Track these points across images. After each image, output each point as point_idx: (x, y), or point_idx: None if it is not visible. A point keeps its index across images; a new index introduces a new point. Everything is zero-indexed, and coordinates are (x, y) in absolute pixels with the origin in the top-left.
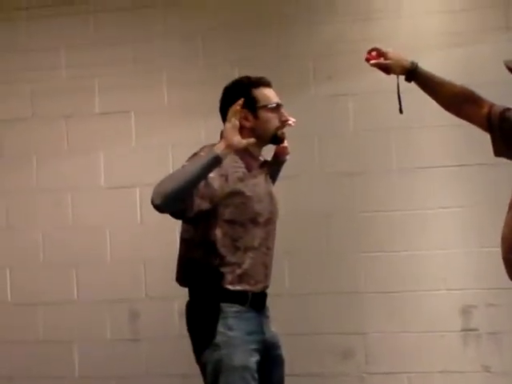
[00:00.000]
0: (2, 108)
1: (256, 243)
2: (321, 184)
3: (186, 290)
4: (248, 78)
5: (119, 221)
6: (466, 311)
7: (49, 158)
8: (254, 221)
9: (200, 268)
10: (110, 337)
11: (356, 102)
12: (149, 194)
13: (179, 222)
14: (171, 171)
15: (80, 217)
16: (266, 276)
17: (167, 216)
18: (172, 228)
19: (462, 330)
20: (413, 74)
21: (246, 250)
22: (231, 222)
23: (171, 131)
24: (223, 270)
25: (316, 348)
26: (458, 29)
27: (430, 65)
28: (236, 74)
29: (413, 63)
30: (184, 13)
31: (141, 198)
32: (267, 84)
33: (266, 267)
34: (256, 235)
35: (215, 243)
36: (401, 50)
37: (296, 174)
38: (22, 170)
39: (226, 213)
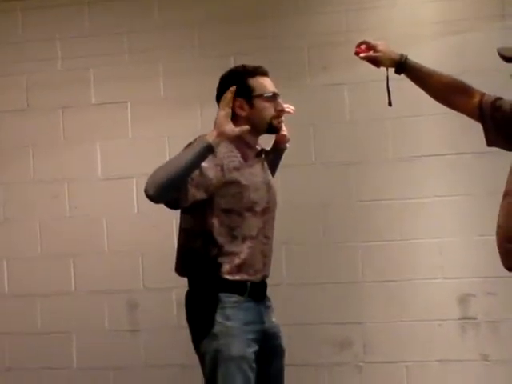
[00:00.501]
0: None
1: (254, 232)
2: (317, 174)
3: (184, 281)
4: (244, 67)
5: (116, 211)
6: (464, 300)
7: (45, 149)
8: (251, 210)
9: (199, 258)
10: (108, 327)
11: (351, 91)
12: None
13: (177, 213)
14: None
15: (77, 208)
16: (265, 265)
17: (164, 206)
18: (169, 218)
19: (460, 319)
20: (402, 66)
21: (244, 239)
22: (227, 212)
23: (168, 122)
24: (221, 259)
25: (314, 338)
26: (452, 17)
27: (425, 53)
28: (232, 65)
29: (402, 55)
30: (180, 3)
31: (138, 189)
32: (264, 73)
33: (265, 256)
34: (253, 224)
35: (212, 233)
36: (396, 39)
37: (292, 163)
38: (19, 161)
39: (222, 202)
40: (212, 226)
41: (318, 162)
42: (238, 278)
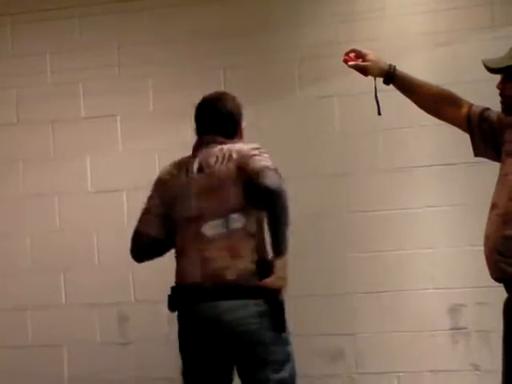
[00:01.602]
0: None
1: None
2: (309, 185)
3: None
4: None
5: (107, 225)
6: (454, 310)
7: (35, 162)
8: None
9: None
10: (99, 340)
11: (342, 103)
12: (135, 197)
13: None
14: (157, 175)
15: (67, 221)
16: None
17: None
18: None
19: (451, 329)
20: (391, 76)
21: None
22: None
23: (157, 136)
24: None
25: (306, 349)
26: (442, 28)
27: (415, 64)
28: (222, 79)
29: (391, 65)
30: (169, 17)
31: (128, 202)
32: None
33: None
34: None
35: None
36: (386, 51)
37: (284, 175)
38: (9, 175)
39: None
40: None
41: (310, 173)
42: None
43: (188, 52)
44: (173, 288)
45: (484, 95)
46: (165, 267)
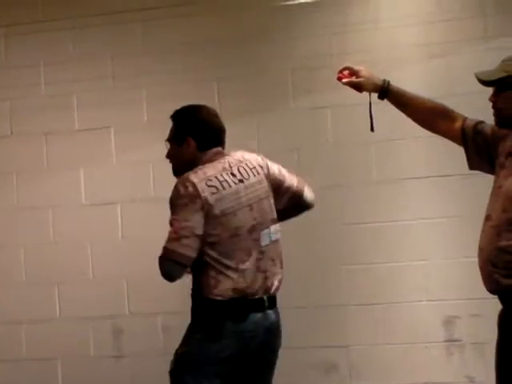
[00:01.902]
0: None
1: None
2: None
3: (169, 306)
4: None
5: (101, 237)
6: (449, 322)
7: (29, 175)
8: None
9: None
10: (93, 353)
11: (335, 114)
12: (130, 209)
13: (162, 238)
14: (152, 187)
15: (62, 234)
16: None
17: (149, 231)
18: (154, 243)
19: (446, 341)
20: (385, 91)
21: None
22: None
23: (151, 147)
24: None
25: (299, 362)
26: (435, 40)
27: (409, 76)
28: (215, 90)
29: (384, 81)
30: (163, 29)
31: (122, 214)
32: None
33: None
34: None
35: None
36: (379, 63)
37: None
38: (2, 187)
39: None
40: None
41: None
42: None
43: (182, 63)
44: (236, 299)
45: (478, 107)
46: (159, 280)
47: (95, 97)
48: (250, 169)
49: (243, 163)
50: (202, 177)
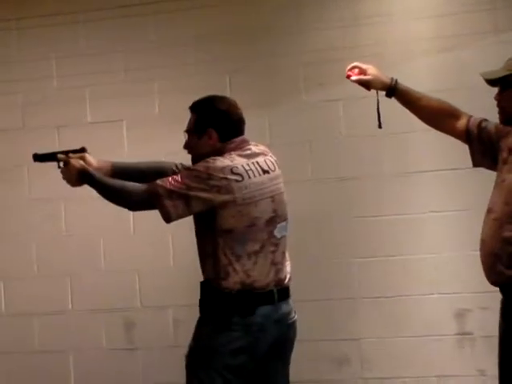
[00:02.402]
0: None
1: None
2: (313, 190)
3: (180, 299)
4: None
5: (113, 230)
6: (460, 315)
7: (41, 168)
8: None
9: None
10: (105, 346)
11: (347, 107)
12: None
13: (171, 231)
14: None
15: (74, 227)
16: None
17: (161, 225)
18: (166, 237)
19: (457, 334)
20: (393, 89)
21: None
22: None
23: (163, 140)
24: None
25: (311, 355)
26: (447, 33)
27: (420, 69)
28: (227, 83)
29: (392, 79)
30: (175, 21)
31: None
32: None
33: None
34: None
35: None
36: (391, 56)
37: (288, 179)
38: (15, 180)
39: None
40: None
41: (314, 177)
42: None
43: (194, 56)
44: (244, 292)
45: (488, 101)
46: (170, 273)
47: (107, 90)
48: (275, 161)
49: (269, 155)
50: (229, 163)
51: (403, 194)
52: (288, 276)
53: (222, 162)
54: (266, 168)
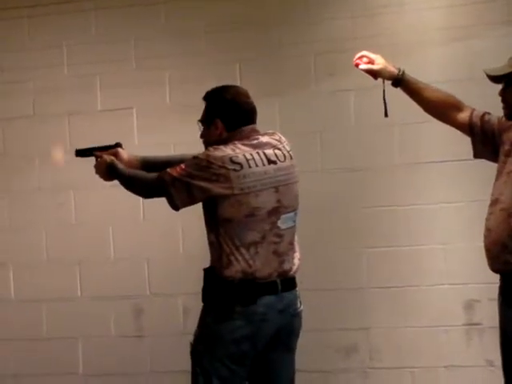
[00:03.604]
0: (3, 106)
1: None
2: (323, 180)
3: (189, 287)
4: None
5: (122, 218)
6: (469, 306)
7: (51, 156)
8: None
9: None
10: (114, 333)
11: (358, 97)
12: None
13: (181, 219)
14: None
15: (83, 214)
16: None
17: (170, 213)
18: (175, 225)
19: (466, 325)
20: (399, 79)
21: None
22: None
23: (173, 129)
24: None
25: (319, 344)
26: (459, 23)
27: (431, 60)
28: (237, 72)
29: (399, 69)
30: (186, 10)
31: None
32: None
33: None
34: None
35: None
36: (402, 46)
37: (299, 169)
38: (25, 168)
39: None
40: None
41: (324, 167)
42: None
43: (204, 45)
44: (246, 281)
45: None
46: (180, 261)
47: (118, 78)
48: (288, 151)
49: (281, 145)
50: (230, 152)
51: (414, 185)
52: (295, 267)
53: (223, 151)
54: (273, 158)
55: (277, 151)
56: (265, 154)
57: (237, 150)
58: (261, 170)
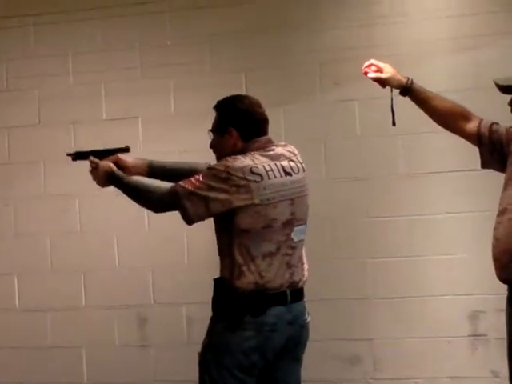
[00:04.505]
0: (9, 114)
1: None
2: (328, 189)
3: (194, 296)
4: None
5: (127, 227)
6: (474, 316)
7: (56, 164)
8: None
9: None
10: (118, 343)
11: (362, 107)
12: None
13: (186, 228)
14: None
15: (88, 223)
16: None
17: (175, 222)
18: (180, 234)
19: (470, 336)
20: (408, 88)
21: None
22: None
23: (178, 137)
24: None
25: (323, 354)
26: (464, 33)
27: (437, 70)
28: (243, 81)
29: (408, 78)
30: (191, 18)
31: None
32: None
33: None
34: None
35: None
36: (407, 56)
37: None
38: (30, 176)
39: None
40: None
41: (329, 177)
42: None
43: (209, 54)
44: (257, 292)
45: (504, 101)
46: (184, 270)
47: (123, 87)
48: (301, 163)
49: (295, 157)
50: (250, 163)
51: (418, 195)
52: (304, 279)
53: (242, 161)
54: (288, 170)
55: (291, 163)
56: (282, 165)
57: (256, 161)
58: (279, 182)
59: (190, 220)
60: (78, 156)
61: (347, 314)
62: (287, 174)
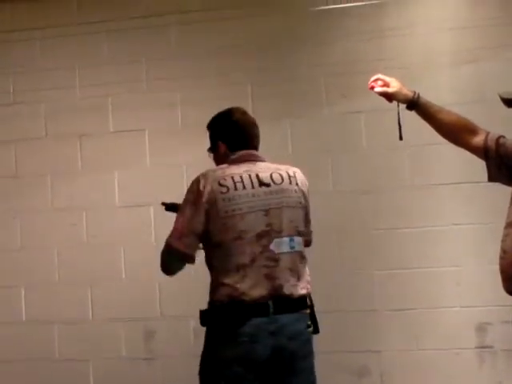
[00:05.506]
0: (16, 127)
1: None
2: (334, 201)
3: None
4: None
5: (134, 239)
6: (480, 328)
7: (63, 177)
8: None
9: None
10: (125, 355)
11: (369, 119)
12: (163, 212)
13: None
14: (185, 190)
15: (95, 235)
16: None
17: None
18: None
19: (477, 347)
20: (414, 102)
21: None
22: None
23: (185, 150)
24: None
25: (331, 366)
26: (469, 46)
27: (442, 82)
28: (249, 94)
29: (415, 93)
30: (197, 32)
31: (155, 217)
32: None
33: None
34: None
35: None
36: (413, 68)
37: (309, 191)
38: (37, 189)
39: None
40: None
41: (335, 189)
42: None
43: (215, 67)
44: (234, 303)
45: (510, 113)
46: (191, 282)
47: (130, 99)
48: (289, 176)
49: (282, 171)
50: (218, 175)
51: (425, 207)
52: (297, 293)
53: (214, 172)
54: (266, 181)
55: (274, 174)
56: (258, 176)
57: (226, 172)
58: (248, 193)
59: (192, 260)
60: (170, 208)
61: (354, 326)
62: (263, 184)
